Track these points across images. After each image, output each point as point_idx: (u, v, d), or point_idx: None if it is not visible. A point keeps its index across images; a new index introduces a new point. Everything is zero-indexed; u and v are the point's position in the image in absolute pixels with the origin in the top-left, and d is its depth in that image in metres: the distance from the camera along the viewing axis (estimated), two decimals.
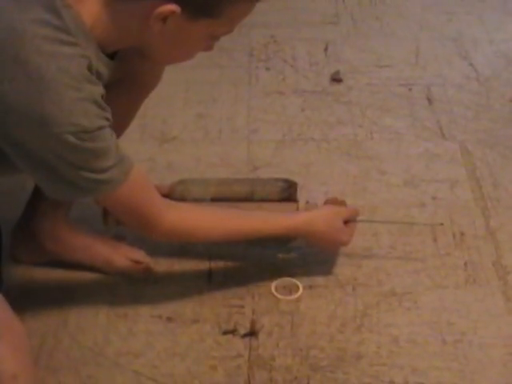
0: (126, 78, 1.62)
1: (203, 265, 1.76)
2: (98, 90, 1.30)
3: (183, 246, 1.79)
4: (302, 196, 1.78)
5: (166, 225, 1.48)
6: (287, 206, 1.70)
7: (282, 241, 1.72)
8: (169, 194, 1.71)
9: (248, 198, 1.71)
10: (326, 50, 2.55)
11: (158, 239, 1.56)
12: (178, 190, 1.73)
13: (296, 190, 1.74)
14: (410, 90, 2.37)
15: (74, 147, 1.26)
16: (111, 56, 1.38)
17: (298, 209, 1.70)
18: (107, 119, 1.32)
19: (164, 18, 1.28)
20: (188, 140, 2.18)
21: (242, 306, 1.68)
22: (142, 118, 2.16)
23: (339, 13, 2.76)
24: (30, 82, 1.22)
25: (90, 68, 1.28)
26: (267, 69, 2.48)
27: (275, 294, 1.70)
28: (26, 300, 1.67)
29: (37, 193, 1.68)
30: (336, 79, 2.40)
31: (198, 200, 1.71)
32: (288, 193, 1.72)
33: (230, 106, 2.31)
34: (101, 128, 1.30)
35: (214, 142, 2.18)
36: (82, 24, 1.27)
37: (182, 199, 1.70)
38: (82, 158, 1.30)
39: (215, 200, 1.71)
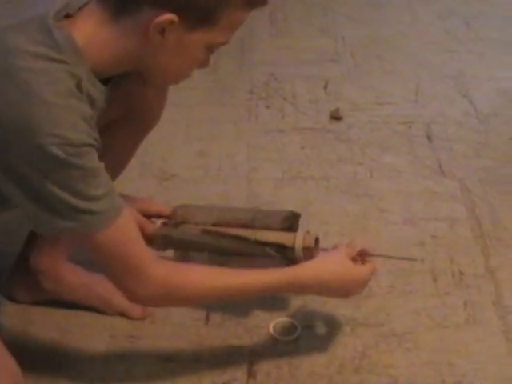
0: (126, 117, 1.62)
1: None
2: (87, 109, 1.29)
3: None
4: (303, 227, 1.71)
5: (155, 279, 1.37)
6: (285, 233, 1.63)
7: None
8: (170, 216, 1.69)
9: (248, 225, 1.66)
10: (325, 87, 2.56)
11: (143, 299, 1.44)
12: (179, 213, 1.69)
13: (298, 220, 1.68)
14: (410, 127, 2.38)
15: (59, 161, 1.22)
16: (105, 83, 1.37)
17: (295, 237, 1.61)
18: (96, 140, 1.29)
19: (162, 30, 1.28)
20: (188, 178, 2.19)
21: (241, 347, 1.66)
22: (142, 156, 2.16)
23: (339, 51, 2.78)
24: (19, 94, 1.22)
25: (79, 87, 1.28)
26: (267, 106, 2.49)
27: (273, 334, 1.69)
28: (23, 340, 1.66)
29: None
30: (336, 117, 2.41)
31: (199, 224, 1.67)
32: (289, 223, 1.66)
33: (230, 144, 2.32)
34: (89, 145, 1.27)
35: (214, 179, 2.18)
36: (73, 44, 1.28)
37: (184, 222, 1.67)
38: (68, 177, 1.24)
39: (216, 225, 1.66)
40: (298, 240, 1.61)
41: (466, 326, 1.71)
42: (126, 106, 1.60)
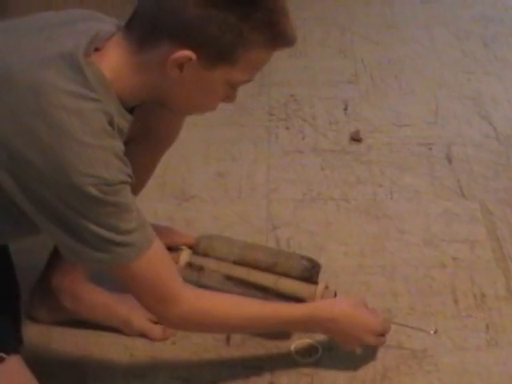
0: (142, 136, 1.63)
1: None
2: (120, 146, 1.30)
3: None
4: (322, 279, 1.74)
5: (185, 305, 1.42)
6: (305, 286, 1.68)
7: None
8: (193, 246, 1.72)
9: (269, 269, 1.70)
10: (345, 109, 2.56)
11: (173, 323, 1.50)
12: (202, 245, 1.73)
13: (318, 272, 1.71)
14: (430, 149, 2.37)
15: (95, 200, 1.24)
16: (130, 111, 1.39)
17: (315, 292, 1.67)
18: (129, 176, 1.30)
19: (180, 65, 1.29)
20: (207, 199, 2.18)
21: (261, 368, 1.66)
22: (162, 177, 2.17)
23: (358, 72, 2.77)
24: (51, 134, 1.22)
25: (111, 123, 1.29)
26: (287, 128, 2.48)
27: (294, 356, 1.69)
28: (43, 360, 1.66)
29: (57, 251, 1.66)
30: (356, 139, 2.41)
31: (219, 259, 1.71)
32: (309, 273, 1.69)
33: (250, 165, 2.32)
34: (122, 182, 1.28)
35: (234, 200, 2.18)
36: (103, 80, 1.29)
37: (205, 255, 1.71)
38: (103, 214, 1.27)
39: (237, 263, 1.71)
40: (316, 295, 1.67)
41: (487, 349, 1.71)
42: (143, 124, 1.60)
